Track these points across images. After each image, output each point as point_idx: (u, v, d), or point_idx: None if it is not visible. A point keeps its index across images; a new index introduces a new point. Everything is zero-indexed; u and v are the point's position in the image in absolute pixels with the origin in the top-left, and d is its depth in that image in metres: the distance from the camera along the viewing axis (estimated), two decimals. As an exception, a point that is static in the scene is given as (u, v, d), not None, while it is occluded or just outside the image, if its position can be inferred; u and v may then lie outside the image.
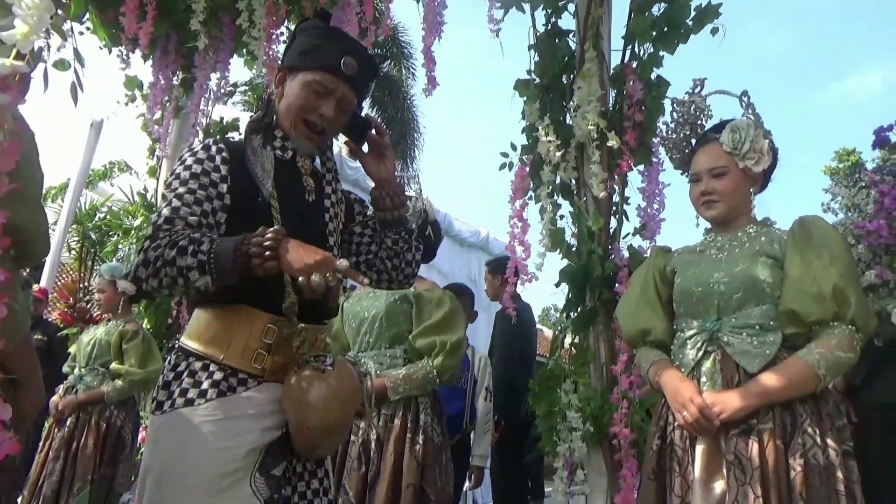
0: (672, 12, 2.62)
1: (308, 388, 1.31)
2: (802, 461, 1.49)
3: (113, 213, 7.62)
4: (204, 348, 1.38)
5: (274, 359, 1.38)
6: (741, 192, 1.77)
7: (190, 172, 1.38)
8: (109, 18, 3.91)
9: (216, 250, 1.25)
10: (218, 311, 1.41)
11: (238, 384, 1.36)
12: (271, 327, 1.38)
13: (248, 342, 1.37)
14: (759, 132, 1.76)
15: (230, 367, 1.36)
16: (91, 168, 6.59)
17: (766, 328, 1.62)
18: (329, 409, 1.31)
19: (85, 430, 3.27)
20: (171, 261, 1.25)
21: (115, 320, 3.51)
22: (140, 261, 1.30)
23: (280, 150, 1.50)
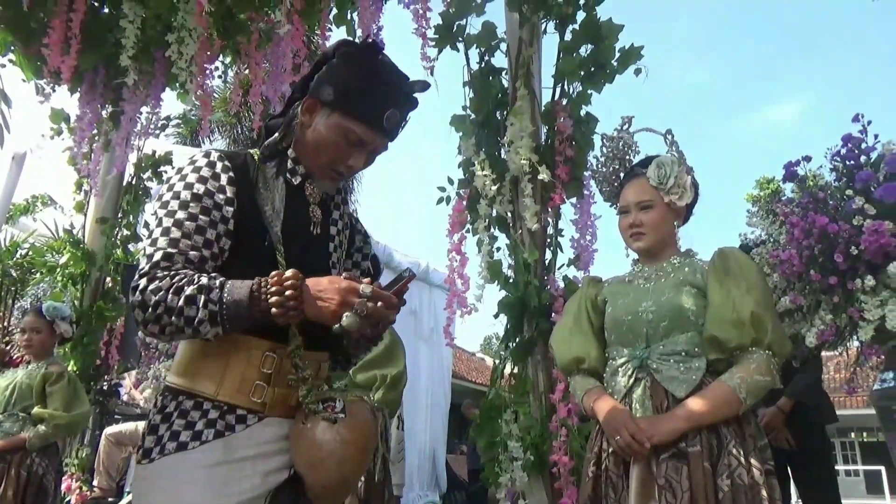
0: (598, 54, 2.76)
1: (321, 443, 1.18)
2: (729, 482, 1.56)
3: (36, 250, 7.27)
4: (195, 385, 1.24)
5: (275, 390, 1.25)
6: (666, 224, 1.87)
7: (192, 193, 1.24)
8: (33, 51, 3.80)
9: (228, 301, 1.14)
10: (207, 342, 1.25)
11: (237, 422, 1.22)
12: (270, 356, 1.25)
13: (245, 374, 1.24)
14: (682, 168, 1.87)
15: (226, 404, 1.22)
16: (12, 202, 6.29)
17: (691, 354, 1.71)
18: (344, 462, 1.20)
19: (3, 480, 3.08)
20: (177, 310, 1.14)
21: (36, 362, 3.33)
22: (137, 302, 1.16)
23: (290, 173, 1.37)
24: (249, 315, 1.15)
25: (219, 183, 1.26)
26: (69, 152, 4.33)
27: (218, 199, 1.25)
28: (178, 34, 3.47)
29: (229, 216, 1.26)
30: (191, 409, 1.22)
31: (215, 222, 1.24)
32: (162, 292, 1.15)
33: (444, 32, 2.94)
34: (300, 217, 1.37)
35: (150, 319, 1.16)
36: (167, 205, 1.23)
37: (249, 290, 1.15)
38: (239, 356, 1.24)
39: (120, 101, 4.21)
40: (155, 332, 1.17)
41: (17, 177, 5.71)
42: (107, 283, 4.39)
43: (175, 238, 1.20)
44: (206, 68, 3.75)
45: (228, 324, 1.15)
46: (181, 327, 1.15)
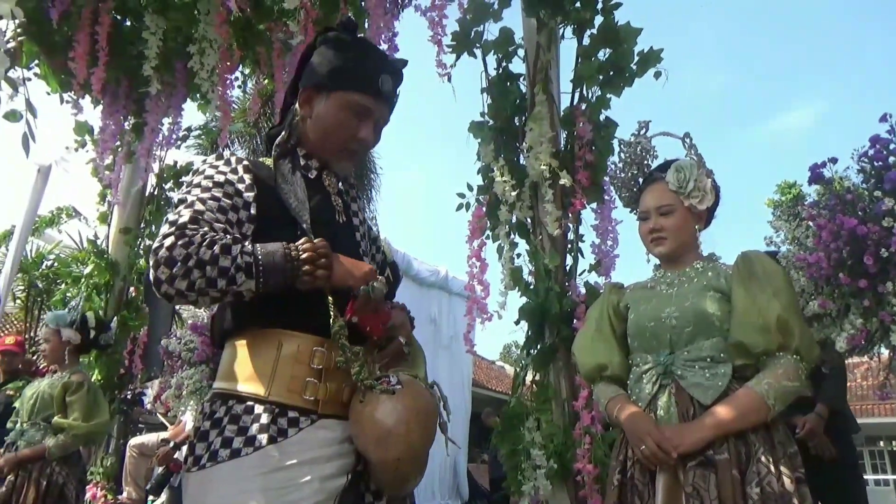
0: (617, 57, 2.74)
1: (384, 416, 1.14)
2: (759, 490, 1.52)
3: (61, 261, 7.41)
4: (243, 387, 1.20)
5: (328, 386, 1.20)
6: (687, 228, 1.84)
7: (212, 182, 1.23)
8: (59, 64, 3.87)
9: (263, 253, 1.13)
10: (251, 340, 1.23)
11: (289, 425, 1.16)
12: (319, 350, 1.21)
13: (295, 371, 1.19)
14: (702, 172, 1.84)
15: (278, 405, 1.17)
16: (38, 214, 6.41)
17: (717, 360, 1.67)
18: (412, 431, 1.14)
19: (25, 488, 3.11)
20: (210, 259, 1.09)
21: (60, 372, 3.37)
22: (163, 258, 1.10)
23: (304, 168, 1.37)
24: (283, 267, 1.13)
25: (237, 175, 1.26)
26: (92, 164, 4.39)
27: (238, 187, 1.24)
28: (199, 45, 3.51)
29: (251, 201, 1.24)
30: (242, 413, 1.17)
31: (237, 207, 1.23)
32: (193, 246, 1.11)
33: (462, 39, 2.94)
34: (324, 207, 1.35)
35: (178, 274, 1.09)
36: (188, 194, 1.22)
37: (282, 245, 1.15)
38: (287, 353, 1.20)
39: (142, 112, 4.27)
40: (182, 288, 1.10)
41: (42, 189, 5.81)
42: (130, 293, 4.44)
43: (200, 209, 1.18)
44: (227, 78, 3.79)
45: (263, 276, 1.12)
46: (213, 279, 1.10)
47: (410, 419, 1.14)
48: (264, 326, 1.22)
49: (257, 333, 1.23)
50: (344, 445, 1.20)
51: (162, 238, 1.14)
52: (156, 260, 1.12)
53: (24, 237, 5.83)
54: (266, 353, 1.20)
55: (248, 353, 1.22)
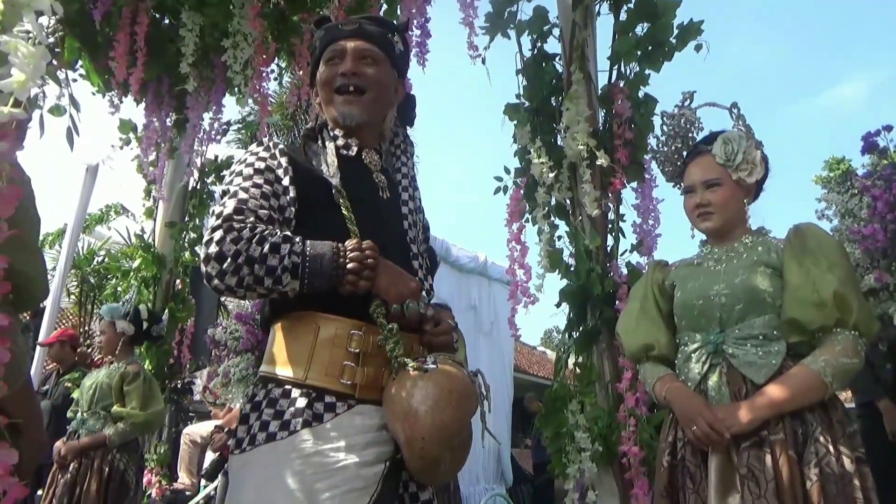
0: (655, 32, 2.67)
1: (413, 392, 1.11)
2: (817, 470, 1.48)
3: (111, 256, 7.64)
4: (282, 370, 1.20)
5: (365, 370, 1.18)
6: (735, 203, 1.78)
7: (253, 169, 1.26)
8: (100, 64, 3.96)
9: (311, 255, 1.14)
10: (290, 323, 1.24)
11: (325, 410, 1.16)
12: (356, 333, 1.19)
13: (332, 355, 1.18)
14: (751, 143, 1.77)
15: (315, 389, 1.17)
16: (87, 212, 6.61)
17: (769, 338, 1.62)
18: (442, 410, 1.09)
19: (88, 475, 3.23)
20: (259, 258, 1.12)
21: (116, 362, 3.48)
22: (213, 253, 1.13)
23: (343, 147, 1.37)
24: (329, 272, 1.14)
25: (276, 160, 1.29)
26: (137, 161, 4.50)
27: (278, 172, 1.27)
28: (234, 39, 3.55)
29: (288, 184, 1.27)
30: (279, 397, 1.18)
31: (278, 193, 1.25)
32: (243, 242, 1.13)
33: (495, 20, 2.90)
34: (364, 183, 1.35)
35: (229, 270, 1.12)
36: (230, 184, 1.26)
37: (332, 246, 1.16)
38: (325, 337, 1.19)
39: (183, 108, 4.35)
40: (232, 284, 1.13)
41: (91, 187, 5.99)
42: (177, 285, 4.55)
43: (244, 198, 1.20)
44: (262, 71, 3.83)
45: (308, 279, 1.13)
46: (261, 277, 1.12)
47: (440, 398, 1.10)
48: (303, 310, 1.22)
49: (296, 317, 1.23)
50: (382, 433, 1.17)
51: (211, 231, 1.16)
52: (206, 254, 1.14)
53: (75, 235, 6.04)
54: (304, 337, 1.20)
55: (287, 336, 1.23)
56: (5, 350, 0.90)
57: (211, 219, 1.20)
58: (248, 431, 1.17)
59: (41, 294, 1.18)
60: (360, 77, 1.37)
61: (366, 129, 1.41)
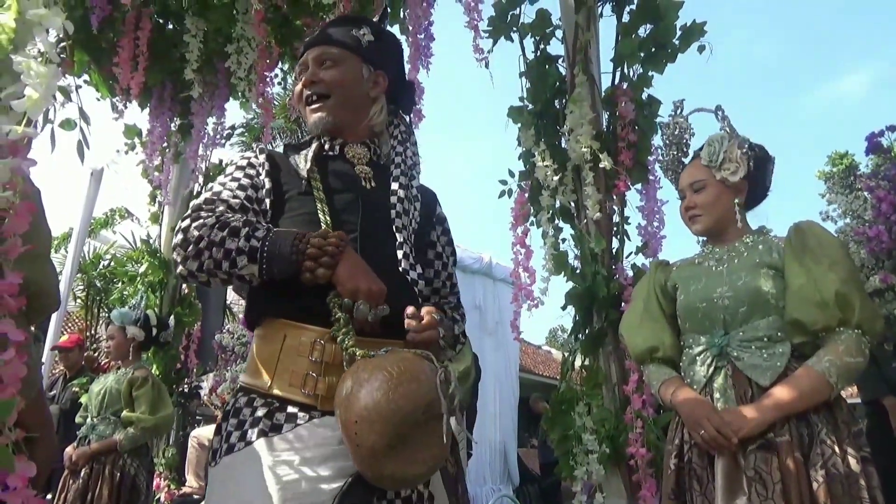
0: (658, 33, 2.67)
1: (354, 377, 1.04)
2: (823, 472, 1.48)
3: (117, 260, 7.68)
4: (249, 379, 1.20)
5: (327, 380, 1.13)
6: (722, 203, 1.80)
7: (235, 166, 1.33)
8: (105, 70, 3.98)
9: (272, 238, 1.14)
10: (263, 331, 1.23)
11: (286, 420, 1.12)
12: (319, 342, 1.15)
13: (296, 364, 1.15)
14: (732, 142, 1.79)
15: (276, 399, 1.14)
16: (93, 216, 6.64)
17: (774, 340, 1.63)
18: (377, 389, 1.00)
19: (99, 481, 3.25)
20: (218, 242, 1.14)
21: (124, 367, 3.50)
22: (179, 241, 1.17)
23: (329, 149, 1.39)
24: (287, 256, 1.13)
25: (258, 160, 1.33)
26: (142, 165, 4.51)
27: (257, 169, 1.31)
28: (238, 44, 3.56)
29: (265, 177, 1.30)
30: (243, 406, 1.16)
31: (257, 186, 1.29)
32: (206, 228, 1.16)
33: (498, 23, 2.91)
34: (344, 175, 1.36)
35: (191, 255, 1.15)
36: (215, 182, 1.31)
37: (294, 233, 1.16)
38: (290, 345, 1.16)
39: (188, 113, 4.36)
40: (193, 269, 1.16)
41: (96, 192, 6.02)
42: (183, 290, 4.57)
43: (217, 191, 1.25)
44: (266, 76, 3.84)
45: (266, 263, 1.13)
46: (219, 261, 1.13)
47: (379, 379, 1.02)
48: (274, 317, 1.21)
49: (268, 325, 1.23)
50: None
51: (181, 220, 1.20)
52: (174, 242, 1.19)
53: (81, 239, 6.07)
54: (271, 345, 1.19)
55: (259, 344, 1.23)
56: (22, 365, 0.92)
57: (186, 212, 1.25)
58: (219, 442, 1.17)
59: (53, 304, 1.20)
60: (320, 84, 1.38)
61: (346, 129, 1.40)
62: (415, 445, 1.04)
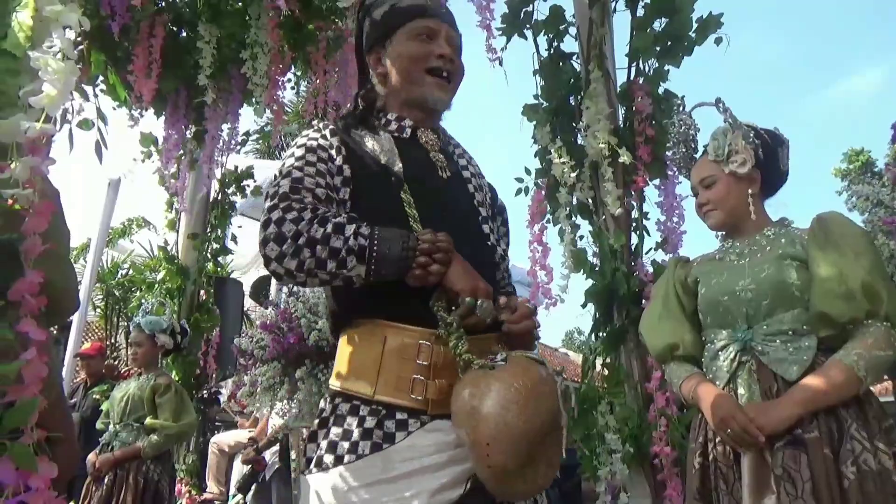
0: (674, 26, 2.65)
1: (476, 391, 0.99)
2: (854, 468, 1.44)
3: (135, 269, 7.74)
4: (349, 385, 1.12)
5: (437, 383, 1.08)
6: (735, 196, 1.76)
7: (305, 148, 1.19)
8: (121, 78, 4.02)
9: (380, 237, 1.06)
10: (357, 332, 1.16)
11: (397, 429, 1.07)
12: (425, 344, 1.09)
13: (402, 368, 1.09)
14: (736, 134, 1.76)
15: (384, 405, 1.08)
16: (110, 226, 6.71)
17: (799, 333, 1.59)
18: (507, 410, 0.96)
19: (123, 487, 3.27)
20: (321, 239, 1.04)
21: (145, 374, 3.51)
22: (272, 235, 1.05)
23: (397, 130, 1.28)
24: (398, 258, 1.05)
25: (327, 140, 1.22)
26: (158, 173, 4.55)
27: (331, 152, 1.20)
28: (252, 50, 3.58)
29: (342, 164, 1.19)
30: (347, 413, 1.10)
31: (332, 172, 1.18)
32: (304, 222, 1.05)
33: (511, 21, 2.90)
34: (422, 163, 1.26)
35: (288, 253, 1.04)
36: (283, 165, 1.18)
37: (401, 232, 1.08)
38: (392, 348, 1.10)
39: (202, 120, 4.39)
40: (292, 268, 1.05)
41: (113, 202, 6.08)
42: (201, 296, 4.59)
43: (298, 177, 1.13)
44: (279, 80, 3.86)
45: (375, 264, 1.05)
46: (323, 260, 1.04)
47: (506, 397, 0.97)
48: (369, 317, 1.14)
49: (361, 326, 1.15)
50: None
51: (268, 212, 1.09)
52: (264, 236, 1.07)
53: (99, 249, 6.12)
54: (370, 349, 1.12)
55: (353, 347, 1.15)
56: (43, 365, 0.91)
57: (266, 200, 1.12)
58: (316, 450, 1.11)
59: (72, 305, 1.20)
60: (454, 65, 1.31)
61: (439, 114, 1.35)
62: (539, 459, 1.02)
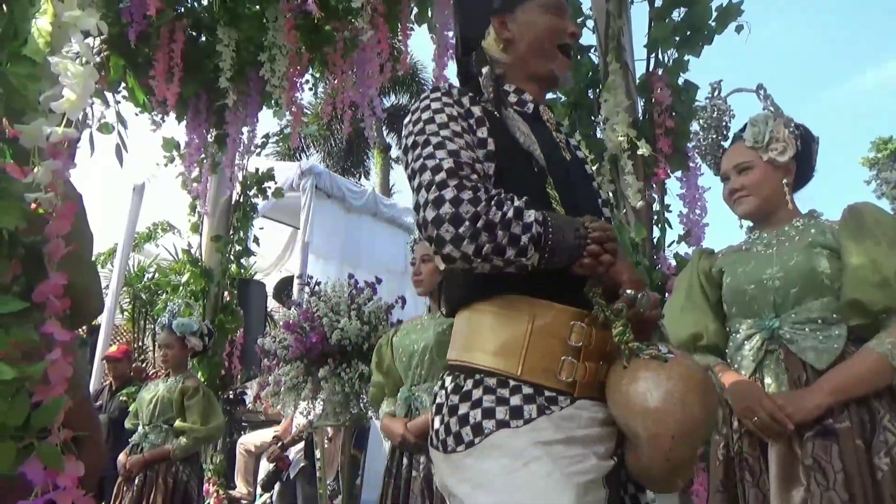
0: (693, 16, 2.62)
1: (654, 384, 0.96)
2: (888, 460, 1.41)
3: (161, 272, 7.84)
4: (492, 361, 1.04)
5: (586, 366, 1.03)
6: (770, 184, 1.73)
7: (446, 115, 1.08)
8: (142, 84, 4.07)
9: (554, 225, 1.00)
10: (497, 308, 1.07)
11: (548, 403, 1.02)
12: (578, 325, 1.04)
13: (551, 348, 1.03)
14: (778, 122, 1.74)
15: (532, 385, 1.02)
16: (136, 231, 6.81)
17: (828, 322, 1.56)
18: (691, 404, 0.95)
19: (154, 488, 3.32)
20: (500, 223, 0.97)
21: (173, 376, 3.56)
22: (447, 214, 0.97)
23: (517, 104, 1.21)
24: (571, 248, 1.00)
25: (464, 107, 1.12)
26: (181, 177, 4.60)
27: (470, 122, 1.11)
28: (270, 52, 3.60)
29: (487, 136, 1.10)
30: (496, 386, 1.03)
31: (475, 145, 1.09)
32: (482, 204, 0.98)
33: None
34: (550, 143, 1.19)
35: (466, 235, 0.96)
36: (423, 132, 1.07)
37: (571, 220, 1.03)
38: (541, 327, 1.03)
39: (223, 124, 4.43)
40: (469, 252, 0.97)
41: (138, 206, 6.18)
42: (225, 298, 4.64)
43: (454, 149, 1.03)
44: (297, 82, 3.88)
45: (548, 253, 0.99)
46: (502, 247, 0.97)
47: (688, 390, 0.95)
48: (516, 293, 1.06)
49: (505, 301, 1.07)
50: (605, 428, 1.04)
51: (437, 188, 0.99)
52: (437, 215, 0.98)
53: (125, 253, 6.23)
54: (515, 325, 1.04)
55: (495, 323, 1.06)
56: (68, 365, 0.93)
57: (424, 174, 1.02)
58: (462, 423, 1.02)
59: (97, 307, 1.22)
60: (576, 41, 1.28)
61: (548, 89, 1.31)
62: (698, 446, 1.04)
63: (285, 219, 6.62)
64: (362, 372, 2.97)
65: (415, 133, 1.08)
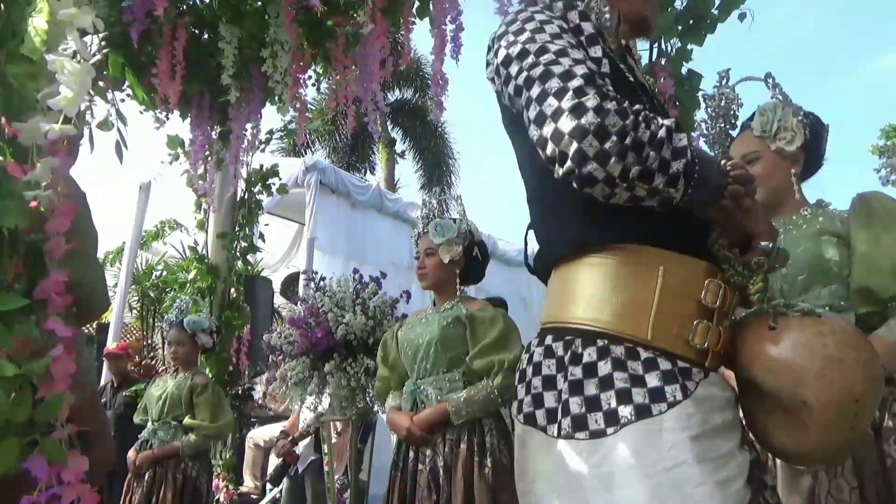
0: (697, 4, 2.59)
1: (822, 343, 0.83)
2: (897, 447, 1.41)
3: (169, 269, 7.88)
4: (613, 323, 0.88)
5: (720, 330, 0.89)
6: (779, 174, 1.73)
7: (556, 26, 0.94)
8: (145, 84, 4.08)
9: (700, 156, 0.85)
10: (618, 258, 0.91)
11: (685, 377, 0.86)
12: (714, 282, 0.89)
13: (681, 308, 0.88)
14: (787, 111, 1.73)
15: (664, 353, 0.87)
16: (143, 230, 6.84)
17: (837, 309, 1.55)
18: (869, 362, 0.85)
19: (163, 484, 3.35)
20: (655, 143, 0.81)
21: (182, 373, 3.58)
22: (591, 125, 0.79)
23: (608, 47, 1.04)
24: (714, 185, 0.87)
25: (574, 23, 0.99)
26: (186, 175, 4.61)
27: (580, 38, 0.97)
28: (272, 48, 3.60)
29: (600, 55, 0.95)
30: (625, 357, 0.87)
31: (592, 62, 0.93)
32: (630, 118, 0.81)
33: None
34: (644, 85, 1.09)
35: (614, 152, 0.80)
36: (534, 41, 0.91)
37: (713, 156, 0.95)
38: (671, 284, 0.88)
39: (227, 121, 4.43)
40: (615, 174, 0.81)
41: (145, 205, 6.21)
42: (231, 294, 4.65)
43: (579, 58, 0.88)
44: (300, 78, 3.87)
45: (694, 187, 0.84)
46: (651, 171, 0.81)
47: (860, 347, 0.84)
48: (638, 242, 0.91)
49: (627, 252, 0.91)
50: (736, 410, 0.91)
51: (574, 94, 0.82)
52: (577, 125, 0.81)
53: (133, 252, 6.26)
54: (642, 280, 0.89)
55: (615, 276, 0.90)
56: (71, 362, 0.93)
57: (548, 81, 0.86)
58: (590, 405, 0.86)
59: (102, 305, 1.22)
60: None
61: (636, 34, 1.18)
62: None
63: (291, 215, 6.64)
64: (368, 366, 2.97)
65: (521, 42, 0.92)
